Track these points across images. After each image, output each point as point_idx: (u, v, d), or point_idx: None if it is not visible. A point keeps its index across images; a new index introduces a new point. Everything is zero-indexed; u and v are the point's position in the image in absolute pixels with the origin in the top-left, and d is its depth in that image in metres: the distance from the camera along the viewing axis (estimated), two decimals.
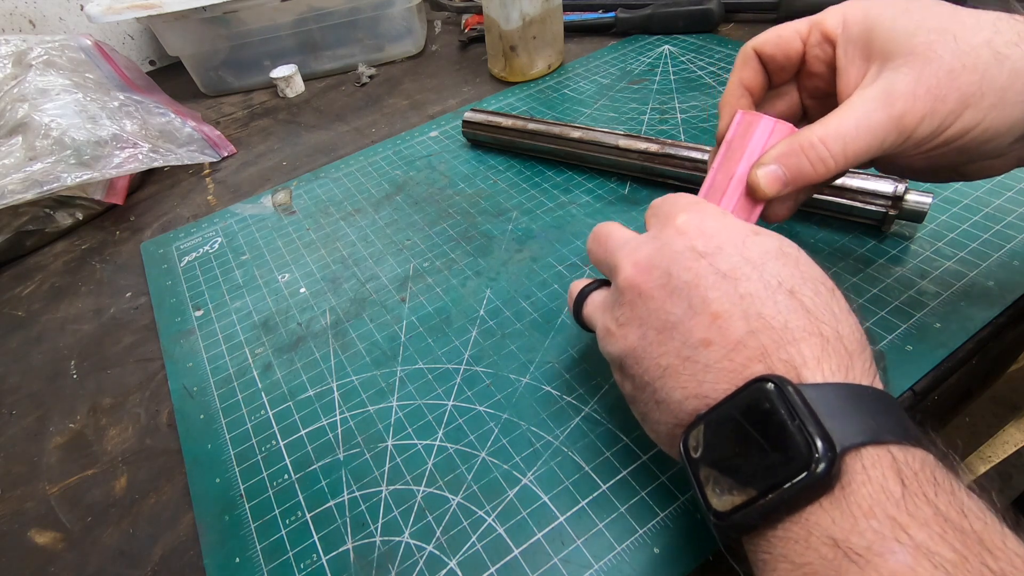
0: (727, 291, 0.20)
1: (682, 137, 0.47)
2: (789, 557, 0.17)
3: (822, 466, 0.16)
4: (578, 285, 0.28)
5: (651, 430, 0.23)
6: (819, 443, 0.16)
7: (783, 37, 0.26)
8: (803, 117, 0.28)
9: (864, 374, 0.19)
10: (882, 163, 0.26)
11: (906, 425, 0.17)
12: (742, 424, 0.18)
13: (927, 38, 0.21)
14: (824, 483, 0.16)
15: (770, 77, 0.27)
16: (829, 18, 0.25)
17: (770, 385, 0.18)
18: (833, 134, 0.22)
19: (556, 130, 0.45)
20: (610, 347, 0.23)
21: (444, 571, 0.25)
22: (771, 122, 0.25)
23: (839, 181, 0.35)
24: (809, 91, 0.27)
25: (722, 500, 0.18)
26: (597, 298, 0.26)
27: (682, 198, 0.24)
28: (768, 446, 0.17)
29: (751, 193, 0.24)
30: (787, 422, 0.17)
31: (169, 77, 0.74)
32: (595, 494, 0.26)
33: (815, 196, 0.36)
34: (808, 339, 0.19)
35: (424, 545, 0.26)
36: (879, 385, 0.19)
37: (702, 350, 0.20)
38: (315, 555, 0.26)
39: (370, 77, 0.68)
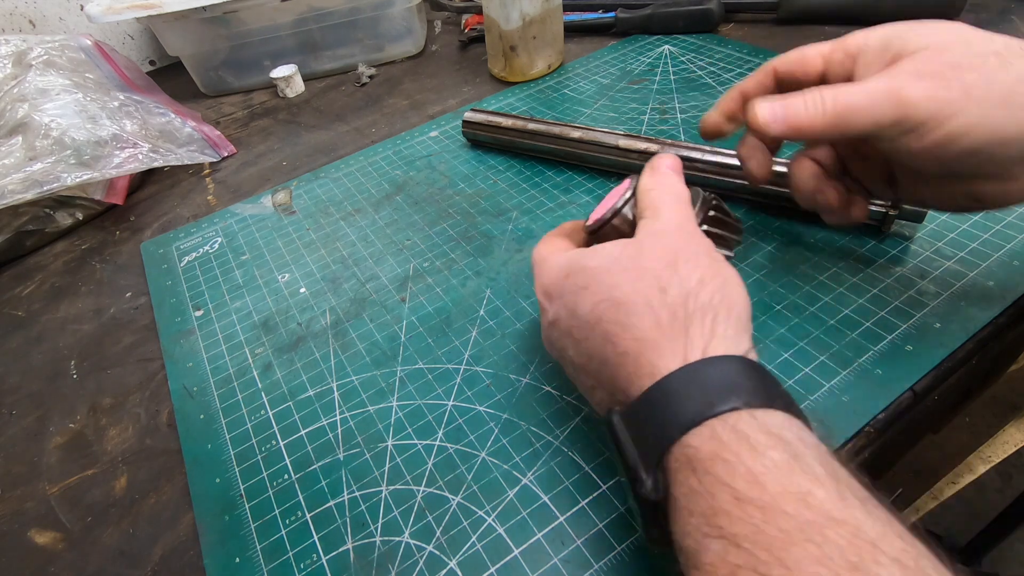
0: (560, 344, 0.25)
1: (682, 137, 0.47)
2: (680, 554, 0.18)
3: (648, 492, 0.19)
4: None
5: None
6: (641, 475, 0.19)
7: (806, 55, 0.27)
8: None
9: (648, 376, 0.20)
10: (900, 177, 0.27)
11: (687, 411, 0.18)
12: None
13: (942, 39, 0.22)
14: (656, 504, 0.19)
15: (783, 88, 0.28)
16: (851, 37, 0.25)
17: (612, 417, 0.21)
18: (838, 93, 0.23)
19: (556, 130, 0.45)
20: None
21: (444, 571, 0.25)
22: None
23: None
24: None
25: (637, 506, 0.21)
26: None
27: (534, 251, 0.28)
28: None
29: (751, 125, 0.25)
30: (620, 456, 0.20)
31: (169, 77, 0.74)
32: (595, 494, 0.26)
33: None
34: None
35: (424, 545, 0.26)
36: (673, 364, 0.20)
37: (591, 393, 0.24)
38: (315, 555, 0.26)
39: (370, 77, 0.68)
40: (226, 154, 0.58)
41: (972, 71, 0.21)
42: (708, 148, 0.40)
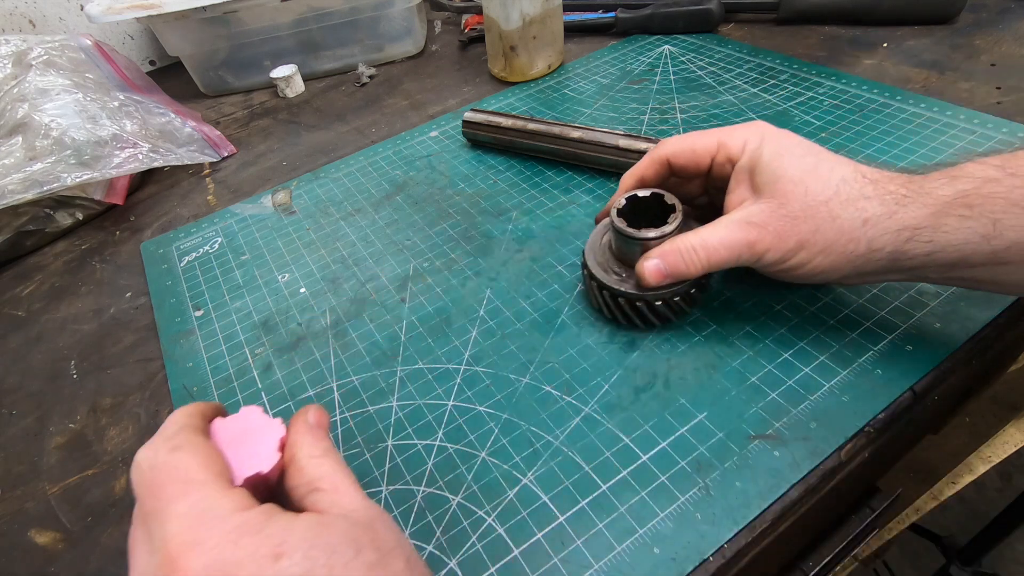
0: None
1: None
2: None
3: None
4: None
5: None
6: None
7: (697, 153, 0.31)
8: (703, 195, 0.34)
9: None
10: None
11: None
12: None
13: (785, 187, 0.27)
14: None
15: (677, 174, 0.33)
16: (733, 142, 0.30)
17: None
18: (703, 244, 0.28)
19: (556, 130, 0.45)
20: None
21: (444, 571, 0.25)
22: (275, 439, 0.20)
23: None
24: (712, 183, 0.32)
25: None
26: None
27: (169, 487, 0.18)
28: None
29: (639, 279, 0.30)
30: None
31: (169, 77, 0.74)
32: (595, 494, 0.26)
33: None
34: None
35: (424, 545, 0.26)
36: None
37: None
38: None
39: (370, 77, 0.68)
40: (226, 154, 0.58)
41: (806, 222, 0.26)
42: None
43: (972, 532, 0.79)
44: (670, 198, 0.31)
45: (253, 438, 0.20)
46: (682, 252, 0.29)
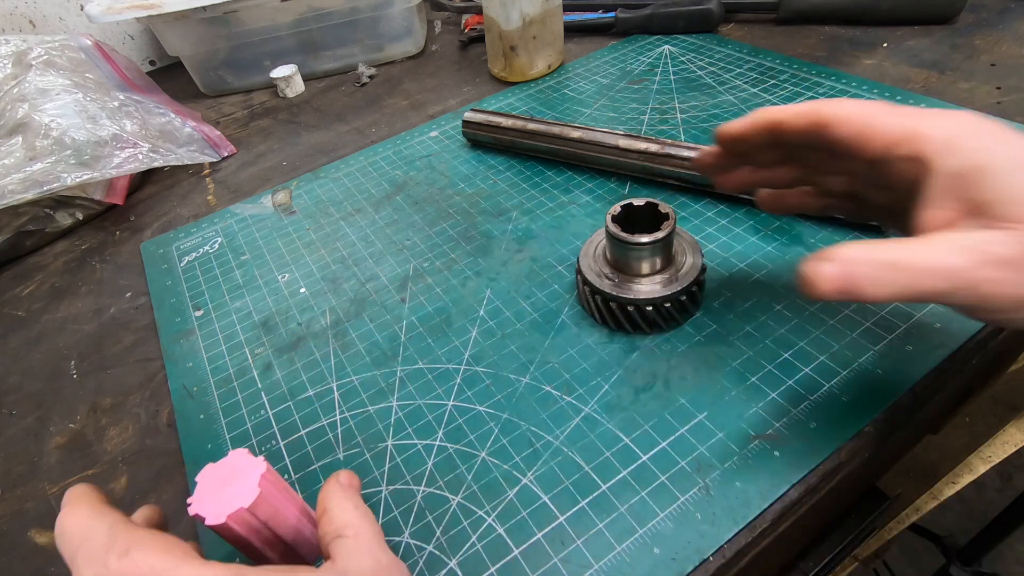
0: None
1: (682, 137, 0.47)
2: None
3: None
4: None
5: None
6: None
7: (871, 132, 0.22)
8: (849, 188, 0.26)
9: None
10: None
11: None
12: None
13: None
14: None
15: (829, 144, 0.23)
16: (934, 134, 0.21)
17: None
18: (908, 263, 0.20)
19: (556, 130, 0.45)
20: None
21: (444, 571, 0.25)
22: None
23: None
24: (877, 178, 0.24)
25: None
26: None
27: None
28: None
29: (803, 283, 0.21)
30: None
31: (169, 77, 0.74)
32: (595, 494, 0.26)
33: None
34: None
35: (424, 545, 0.26)
36: None
37: None
38: None
39: (370, 77, 0.68)
40: (226, 154, 0.58)
41: None
42: (710, 148, 0.39)
43: (972, 532, 0.79)
44: (664, 207, 0.31)
45: (238, 478, 0.21)
46: (875, 264, 0.20)
